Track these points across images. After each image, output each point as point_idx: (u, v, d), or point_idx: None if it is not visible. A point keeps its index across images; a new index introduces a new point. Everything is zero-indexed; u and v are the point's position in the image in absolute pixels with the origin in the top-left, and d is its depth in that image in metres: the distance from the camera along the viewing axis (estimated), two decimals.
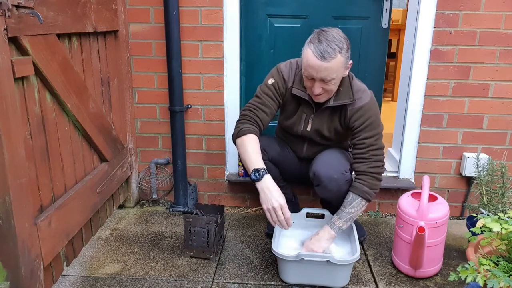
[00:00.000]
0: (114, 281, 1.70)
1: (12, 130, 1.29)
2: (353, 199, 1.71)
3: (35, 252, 1.45)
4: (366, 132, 1.71)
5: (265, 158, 1.86)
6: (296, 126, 1.86)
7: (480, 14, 2.04)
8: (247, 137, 1.70)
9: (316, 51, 1.55)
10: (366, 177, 1.71)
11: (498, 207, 1.92)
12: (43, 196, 1.54)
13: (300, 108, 1.82)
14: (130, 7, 2.16)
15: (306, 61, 1.60)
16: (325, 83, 1.61)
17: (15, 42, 1.31)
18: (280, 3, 2.29)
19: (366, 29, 2.34)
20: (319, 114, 1.80)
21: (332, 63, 1.55)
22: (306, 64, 1.61)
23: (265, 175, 1.61)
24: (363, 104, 1.71)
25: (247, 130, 1.71)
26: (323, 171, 1.76)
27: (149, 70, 2.26)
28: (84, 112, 1.76)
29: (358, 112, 1.71)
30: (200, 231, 1.83)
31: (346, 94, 1.72)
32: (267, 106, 1.78)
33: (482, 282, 1.23)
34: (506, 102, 2.15)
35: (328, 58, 1.54)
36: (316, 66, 1.56)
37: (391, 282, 1.72)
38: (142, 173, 2.43)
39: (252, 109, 1.78)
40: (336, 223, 1.72)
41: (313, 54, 1.55)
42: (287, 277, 1.69)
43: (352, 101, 1.71)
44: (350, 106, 1.73)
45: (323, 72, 1.57)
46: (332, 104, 1.73)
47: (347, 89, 1.72)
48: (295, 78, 1.79)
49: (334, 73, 1.58)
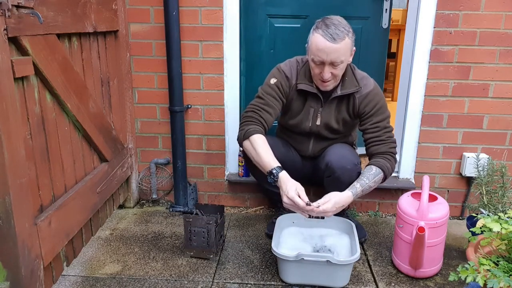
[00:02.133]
0: (114, 281, 1.70)
1: (12, 130, 1.29)
2: (376, 173, 1.70)
3: (35, 252, 1.45)
4: (378, 116, 1.76)
5: None
6: (304, 122, 1.86)
7: (480, 14, 2.04)
8: (255, 138, 1.70)
9: (325, 34, 1.59)
10: (389, 156, 1.74)
11: (498, 207, 1.92)
12: (43, 196, 1.54)
13: (307, 103, 1.84)
14: (130, 7, 2.16)
15: (316, 45, 1.62)
16: (334, 67, 1.65)
17: (15, 42, 1.31)
18: (280, 3, 2.29)
19: (366, 29, 2.34)
20: (327, 107, 1.83)
21: (342, 44, 1.60)
22: (315, 49, 1.63)
23: (279, 173, 1.61)
24: (369, 90, 1.77)
25: (253, 130, 1.71)
26: (337, 161, 1.76)
27: (149, 70, 2.26)
28: (84, 112, 1.76)
29: (366, 98, 1.77)
30: (200, 231, 1.83)
31: (352, 82, 1.77)
32: (271, 107, 1.78)
33: (482, 282, 1.23)
34: (506, 102, 2.15)
35: (338, 39, 1.59)
36: (327, 48, 1.59)
37: (391, 282, 1.72)
38: (142, 173, 2.43)
39: (256, 110, 1.78)
40: (357, 188, 1.67)
41: (322, 37, 1.60)
42: (287, 277, 1.69)
43: (358, 88, 1.77)
44: (357, 94, 1.78)
45: (333, 54, 1.60)
46: (340, 93, 1.77)
47: (351, 78, 1.78)
48: (298, 74, 1.82)
49: (342, 55, 1.63)
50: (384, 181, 1.76)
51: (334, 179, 1.79)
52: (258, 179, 2.02)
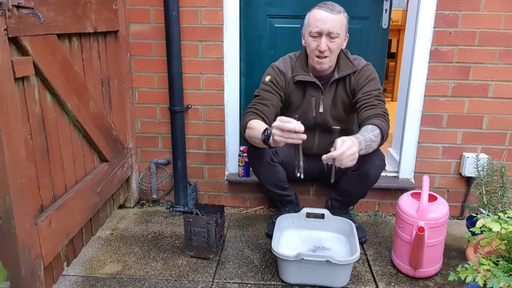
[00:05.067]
0: (114, 281, 1.70)
1: (13, 130, 1.30)
2: (373, 129, 1.64)
3: (35, 252, 1.45)
4: (370, 86, 1.81)
5: (276, 161, 1.88)
6: (307, 113, 1.88)
7: (480, 14, 2.04)
8: (250, 122, 1.69)
9: (321, 6, 1.73)
10: (382, 118, 1.70)
11: (497, 207, 1.92)
12: (44, 196, 1.54)
13: (306, 94, 1.87)
14: (130, 7, 2.17)
15: (313, 17, 1.73)
16: (330, 39, 1.72)
17: (16, 42, 1.31)
18: (280, 3, 2.29)
19: (366, 29, 2.34)
20: (327, 93, 1.87)
21: (338, 16, 1.71)
22: (313, 20, 1.73)
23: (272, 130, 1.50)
24: (363, 66, 1.85)
25: (249, 119, 1.73)
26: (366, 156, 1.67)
27: (149, 70, 2.26)
28: (84, 112, 1.76)
29: (360, 72, 1.84)
30: (200, 231, 1.84)
31: (347, 65, 1.85)
32: (267, 99, 1.82)
33: (482, 282, 1.23)
34: (506, 102, 2.15)
35: (334, 11, 1.71)
36: (325, 17, 1.69)
37: (391, 282, 1.73)
38: (142, 173, 2.43)
39: (252, 106, 1.81)
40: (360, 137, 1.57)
41: (319, 9, 1.72)
42: (287, 277, 1.69)
43: (354, 69, 1.83)
44: (354, 74, 1.85)
45: (331, 23, 1.69)
46: (337, 76, 1.83)
47: (346, 60, 1.85)
48: (293, 68, 1.88)
49: (339, 27, 1.71)
50: (382, 141, 1.68)
51: (362, 174, 1.81)
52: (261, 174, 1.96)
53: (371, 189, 2.18)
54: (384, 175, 2.36)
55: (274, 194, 2.01)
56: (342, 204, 2.04)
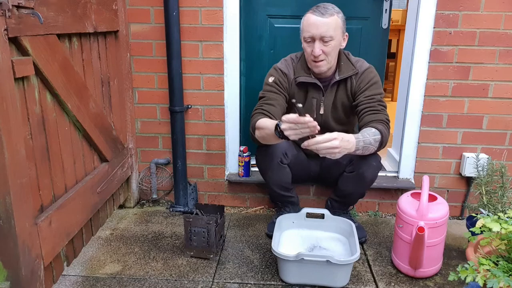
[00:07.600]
0: (114, 281, 1.70)
1: (13, 130, 1.30)
2: (375, 132, 1.66)
3: (35, 252, 1.45)
4: (372, 90, 1.80)
5: (286, 162, 1.88)
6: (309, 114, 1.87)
7: (480, 14, 2.04)
8: (258, 122, 1.69)
9: (314, 11, 1.71)
10: (384, 124, 1.71)
11: (497, 207, 1.92)
12: (44, 196, 1.54)
13: (308, 95, 1.88)
14: (130, 7, 2.17)
15: (306, 22, 1.72)
16: (324, 43, 1.70)
17: (16, 42, 1.32)
18: (280, 3, 2.30)
19: (366, 30, 2.34)
20: (328, 94, 1.87)
21: (330, 19, 1.69)
22: (306, 25, 1.72)
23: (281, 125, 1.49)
24: (365, 69, 1.84)
25: (258, 119, 1.72)
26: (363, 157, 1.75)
27: (149, 70, 2.26)
28: (84, 112, 1.76)
29: (362, 75, 1.83)
30: (200, 231, 1.84)
31: (348, 67, 1.84)
32: (272, 99, 1.82)
33: (482, 282, 1.23)
34: (505, 102, 2.15)
35: (326, 14, 1.69)
36: (316, 22, 1.69)
37: (391, 282, 1.73)
38: (142, 173, 2.43)
39: (259, 107, 1.81)
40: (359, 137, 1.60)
41: (312, 13, 1.71)
42: (287, 277, 1.69)
43: (356, 71, 1.82)
44: (355, 76, 1.84)
45: (322, 27, 1.68)
46: (339, 78, 1.82)
47: (347, 62, 1.84)
48: (295, 69, 1.88)
49: (332, 30, 1.69)
50: (379, 148, 1.70)
51: (358, 175, 1.82)
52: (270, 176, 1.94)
53: (371, 189, 2.18)
54: (384, 175, 2.36)
55: (279, 195, 2.01)
56: (341, 205, 2.04)
